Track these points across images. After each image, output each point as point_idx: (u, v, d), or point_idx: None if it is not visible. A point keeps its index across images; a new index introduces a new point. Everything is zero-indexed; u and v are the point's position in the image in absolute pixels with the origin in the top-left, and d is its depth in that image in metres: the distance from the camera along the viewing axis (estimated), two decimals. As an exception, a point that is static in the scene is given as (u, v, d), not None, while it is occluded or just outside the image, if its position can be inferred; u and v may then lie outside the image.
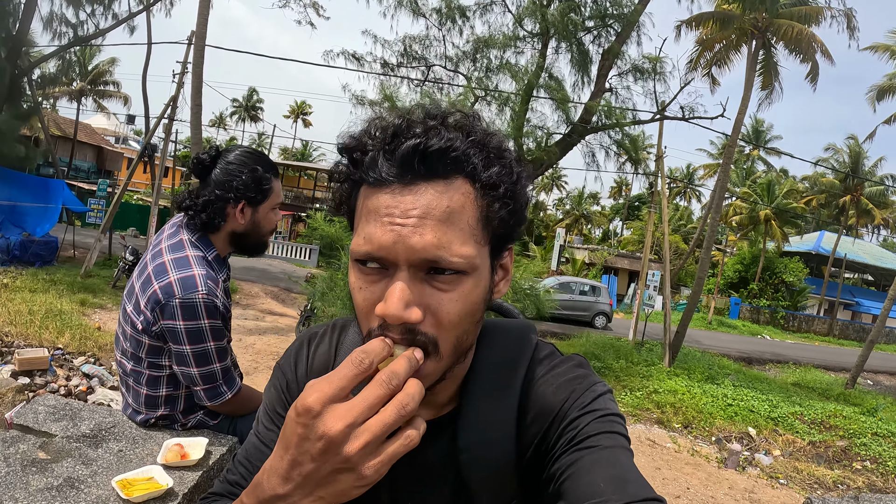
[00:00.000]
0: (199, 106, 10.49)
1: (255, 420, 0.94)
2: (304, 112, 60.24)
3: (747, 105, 12.36)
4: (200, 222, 1.78)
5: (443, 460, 0.82)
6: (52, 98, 27.45)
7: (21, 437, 1.61)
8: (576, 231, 50.80)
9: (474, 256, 0.66)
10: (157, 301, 1.64)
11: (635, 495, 0.64)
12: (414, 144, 0.63)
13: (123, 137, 44.05)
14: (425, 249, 0.62)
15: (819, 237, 36.70)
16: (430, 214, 0.63)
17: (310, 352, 0.92)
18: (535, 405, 0.79)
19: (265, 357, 7.51)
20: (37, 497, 1.35)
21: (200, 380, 1.71)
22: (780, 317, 29.84)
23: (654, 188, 13.48)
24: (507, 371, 0.81)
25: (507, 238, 0.73)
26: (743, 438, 7.57)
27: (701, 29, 14.87)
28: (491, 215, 0.69)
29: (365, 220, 0.66)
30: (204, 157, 1.82)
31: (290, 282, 12.82)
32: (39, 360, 5.18)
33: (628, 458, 0.70)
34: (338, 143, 0.71)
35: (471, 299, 0.68)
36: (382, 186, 0.65)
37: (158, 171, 12.70)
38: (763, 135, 41.16)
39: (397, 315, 0.62)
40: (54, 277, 9.86)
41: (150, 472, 1.50)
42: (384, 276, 0.66)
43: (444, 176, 0.65)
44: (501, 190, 0.68)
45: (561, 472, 0.71)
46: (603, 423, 0.73)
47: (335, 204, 0.75)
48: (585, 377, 0.80)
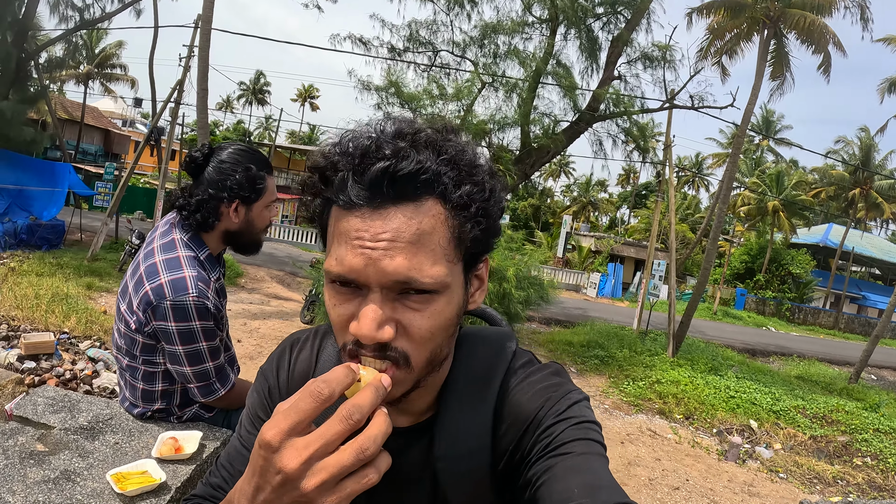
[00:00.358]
0: (205, 90, 10.45)
1: (238, 423, 0.96)
2: (312, 96, 60.08)
3: (757, 95, 12.22)
4: (195, 222, 1.78)
5: (419, 468, 0.83)
6: (58, 81, 27.43)
7: (20, 428, 1.63)
8: (583, 218, 50.64)
9: (445, 275, 0.66)
10: (149, 302, 1.65)
11: (607, 500, 0.64)
12: (383, 168, 0.63)
13: (130, 121, 44.09)
14: (396, 272, 0.63)
15: (827, 230, 36.43)
16: (400, 237, 0.63)
17: (292, 357, 0.93)
18: (510, 413, 0.79)
19: (270, 341, 7.55)
20: (34, 490, 1.37)
21: (194, 378, 1.72)
22: (786, 309, 29.72)
23: (661, 177, 13.39)
24: (484, 380, 0.81)
25: (482, 252, 0.74)
26: (744, 431, 7.57)
27: (712, 17, 14.68)
28: (463, 235, 0.69)
29: (336, 241, 0.67)
30: (197, 154, 1.81)
31: (296, 266, 12.87)
32: (45, 344, 5.22)
33: (602, 464, 0.71)
34: (309, 162, 0.71)
35: (443, 316, 0.68)
36: (352, 209, 0.65)
37: (165, 154, 12.72)
38: (773, 125, 40.78)
39: (370, 335, 0.63)
40: (61, 261, 9.92)
41: (144, 465, 1.52)
42: (357, 294, 0.66)
43: (414, 199, 0.65)
44: (473, 209, 0.68)
45: (536, 479, 0.72)
46: (578, 430, 0.74)
47: (308, 217, 0.74)
48: (561, 385, 0.80)
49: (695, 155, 52.21)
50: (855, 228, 35.71)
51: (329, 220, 0.69)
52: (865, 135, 33.18)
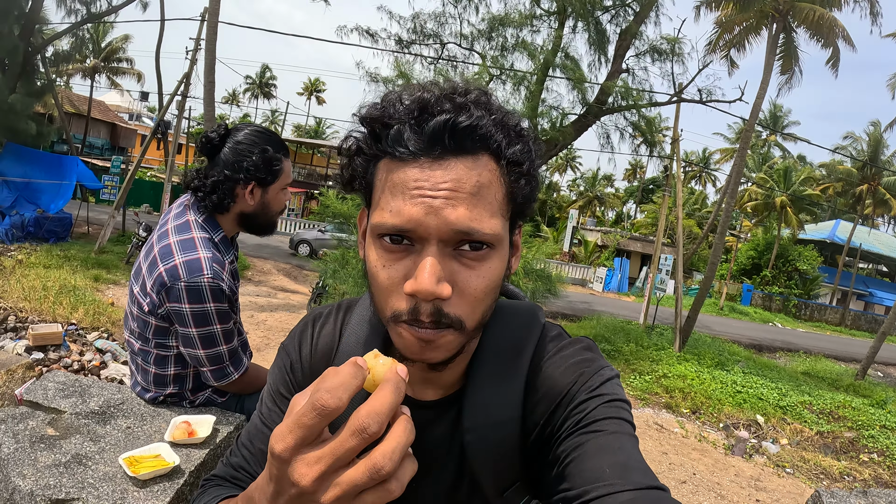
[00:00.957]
0: (212, 83, 10.46)
1: (259, 400, 0.94)
2: (318, 89, 60.09)
3: (766, 89, 12.12)
4: (210, 204, 1.75)
5: (447, 441, 0.82)
6: (65, 75, 27.50)
7: (30, 413, 1.63)
8: (589, 213, 50.55)
9: (501, 229, 0.67)
10: (163, 284, 1.62)
11: (639, 483, 0.64)
12: (444, 120, 0.63)
13: (137, 114, 44.21)
14: (458, 221, 0.62)
15: (834, 226, 36.22)
16: (461, 187, 0.63)
17: (314, 332, 0.91)
18: (542, 386, 0.78)
19: (276, 333, 7.56)
20: (45, 473, 1.36)
21: (207, 361, 1.70)
22: (792, 305, 29.60)
23: (669, 171, 13.33)
24: (515, 352, 0.80)
25: (523, 215, 0.74)
26: (751, 426, 7.55)
27: (720, 10, 14.57)
28: (515, 191, 0.70)
29: (390, 194, 0.65)
30: (213, 135, 1.78)
31: (303, 259, 12.88)
32: (53, 335, 5.24)
33: (633, 444, 0.70)
34: (358, 115, 0.70)
35: (495, 275, 0.68)
36: (410, 161, 0.64)
37: (172, 147, 12.74)
38: (781, 120, 40.53)
39: (430, 290, 0.61)
40: (68, 253, 9.96)
41: (157, 449, 1.51)
42: (410, 252, 0.65)
43: (473, 152, 0.65)
44: (525, 167, 0.69)
45: (566, 455, 0.71)
46: (609, 408, 0.73)
47: (347, 179, 0.73)
48: (594, 360, 0.80)
49: (702, 150, 52.00)
50: (862, 225, 35.50)
51: (377, 177, 0.68)
52: (875, 129, 32.92)
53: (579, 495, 0.66)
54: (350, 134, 0.71)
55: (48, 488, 1.31)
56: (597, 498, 0.63)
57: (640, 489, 0.63)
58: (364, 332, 0.87)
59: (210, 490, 0.88)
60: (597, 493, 0.64)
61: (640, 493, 0.62)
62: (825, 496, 2.06)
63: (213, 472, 0.93)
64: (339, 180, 0.76)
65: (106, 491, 1.35)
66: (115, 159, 15.60)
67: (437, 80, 0.72)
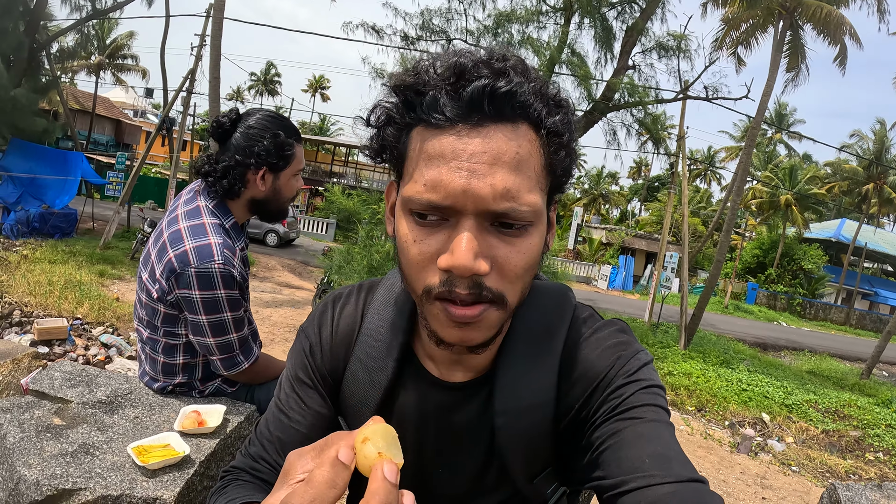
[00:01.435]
0: (217, 79, 10.44)
1: (278, 385, 0.91)
2: (323, 86, 60.03)
3: (772, 87, 12.06)
4: (221, 189, 1.72)
5: (476, 424, 0.80)
6: (70, 72, 27.58)
7: (36, 402, 1.60)
8: (593, 210, 50.47)
9: (540, 205, 0.63)
10: (173, 270, 1.59)
11: (680, 475, 0.61)
12: (483, 85, 0.59)
13: (142, 111, 44.30)
14: (497, 196, 0.59)
15: (840, 225, 36.09)
16: (501, 159, 0.60)
17: (335, 314, 0.88)
18: (577, 369, 0.76)
19: (282, 329, 7.55)
20: (51, 463, 1.34)
21: (217, 349, 1.67)
22: (797, 304, 29.52)
23: (674, 169, 13.29)
24: (548, 333, 0.77)
25: (560, 189, 0.71)
26: (756, 424, 7.52)
27: (727, 7, 14.52)
28: (554, 163, 0.66)
29: (425, 164, 0.62)
30: (224, 120, 1.75)
31: (308, 255, 12.89)
32: (58, 329, 5.24)
33: (671, 433, 0.68)
34: (389, 84, 0.66)
35: (534, 252, 0.65)
36: (446, 128, 0.61)
37: (177, 144, 12.76)
38: (786, 118, 40.36)
39: (467, 266, 0.58)
40: (73, 249, 9.97)
41: (166, 438, 1.48)
42: (444, 226, 0.62)
43: (512, 120, 0.61)
44: (565, 138, 0.65)
45: (601, 442, 0.69)
46: (647, 394, 0.71)
47: (377, 149, 0.69)
48: (630, 344, 0.77)
49: (707, 148, 51.86)
50: (868, 224, 35.36)
51: (409, 146, 0.65)
52: (881, 127, 32.76)
53: (617, 485, 0.64)
54: (379, 103, 0.68)
55: (54, 478, 1.29)
56: (636, 489, 0.62)
57: (681, 482, 0.61)
58: (389, 312, 0.83)
59: (228, 490, 0.84)
60: (636, 485, 0.62)
61: (681, 486, 0.61)
62: (841, 489, 2.04)
63: (232, 463, 0.90)
64: (367, 151, 0.72)
65: (114, 480, 1.33)
66: (119, 156, 15.59)
67: (472, 47, 0.68)
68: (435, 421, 0.81)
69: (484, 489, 0.83)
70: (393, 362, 0.80)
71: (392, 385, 0.81)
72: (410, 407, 0.82)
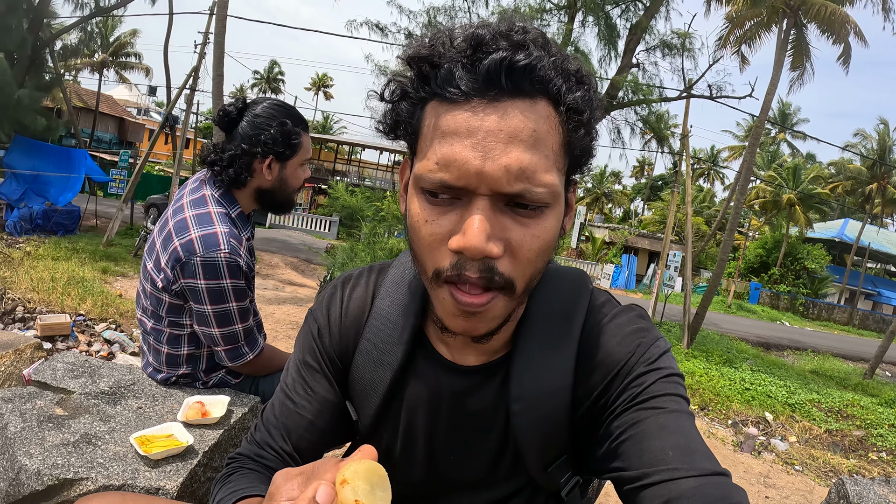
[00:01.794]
0: (220, 76, 10.45)
1: (285, 369, 0.89)
2: (326, 84, 60.08)
3: (776, 86, 12.02)
4: (227, 178, 1.70)
5: (490, 409, 0.78)
6: (73, 70, 27.59)
7: (38, 392, 1.59)
8: (596, 210, 50.45)
9: (557, 185, 0.61)
10: (178, 259, 1.57)
11: (703, 468, 0.60)
12: (501, 57, 0.57)
13: (145, 109, 44.32)
14: (512, 177, 0.57)
15: (843, 225, 35.99)
16: (518, 136, 0.57)
17: (344, 295, 0.86)
18: (596, 355, 0.74)
19: (284, 326, 7.55)
20: (52, 452, 1.33)
21: (221, 340, 1.65)
22: (800, 304, 29.46)
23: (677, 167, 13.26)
24: (566, 317, 0.75)
25: (578, 169, 0.68)
26: (759, 423, 7.50)
27: (731, 5, 14.48)
28: (573, 142, 0.63)
29: (438, 141, 0.59)
30: (230, 108, 1.74)
31: (311, 252, 12.87)
32: (61, 325, 5.25)
33: (692, 424, 0.67)
34: (403, 56, 0.64)
35: (549, 235, 0.63)
36: (461, 102, 0.58)
37: (180, 142, 12.75)
38: (790, 118, 40.28)
39: (479, 248, 0.56)
40: (76, 246, 9.97)
41: (169, 429, 1.47)
42: (456, 205, 0.60)
43: (530, 95, 0.58)
44: (585, 116, 0.62)
45: (621, 431, 0.67)
46: (668, 383, 0.69)
47: (390, 125, 0.67)
48: (649, 330, 0.75)
49: (710, 147, 51.82)
50: (871, 224, 35.27)
51: (423, 122, 0.62)
52: (884, 128, 32.67)
53: (638, 477, 0.63)
54: (394, 77, 0.65)
55: (56, 467, 1.28)
56: (659, 482, 0.61)
57: (705, 475, 0.60)
58: (400, 294, 0.82)
59: (233, 480, 0.83)
60: (659, 478, 0.61)
61: (705, 480, 0.60)
62: (849, 484, 2.03)
63: (237, 450, 0.89)
64: (379, 128, 0.69)
65: (116, 470, 1.32)
66: (123, 153, 15.61)
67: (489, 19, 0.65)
68: (447, 406, 0.80)
69: (497, 477, 0.81)
70: (404, 345, 0.78)
71: (403, 369, 0.79)
72: (422, 391, 0.80)
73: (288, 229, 22.64)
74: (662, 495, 0.60)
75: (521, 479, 0.80)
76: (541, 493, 0.83)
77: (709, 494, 0.58)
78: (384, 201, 7.94)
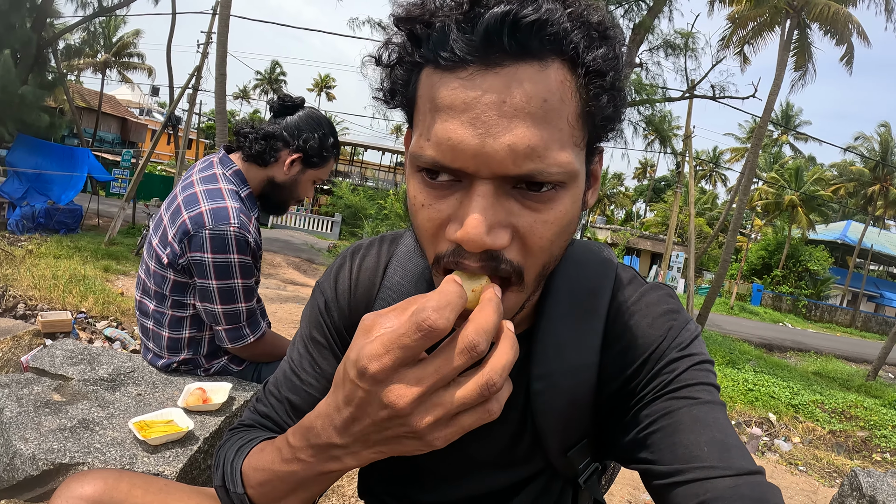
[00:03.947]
0: (223, 75, 10.43)
1: (291, 343, 0.85)
2: (328, 85, 60.16)
3: (780, 86, 12.00)
4: (254, 150, 1.73)
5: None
6: (76, 69, 27.66)
7: (36, 379, 1.58)
8: (598, 211, 50.48)
9: (574, 164, 0.52)
10: (186, 231, 1.56)
11: (740, 467, 0.57)
12: (503, 12, 0.47)
13: (147, 109, 44.38)
14: (519, 157, 0.49)
15: (846, 226, 35.96)
16: (524, 110, 0.48)
17: (353, 266, 0.81)
18: (625, 335, 0.69)
19: (286, 325, 7.52)
20: (48, 437, 1.31)
21: (223, 318, 1.63)
22: (802, 305, 29.42)
23: (680, 169, 13.25)
24: (592, 291, 0.71)
25: (603, 138, 0.59)
26: (763, 424, 7.47)
27: (734, 5, 14.44)
28: (594, 111, 0.54)
29: (432, 115, 0.51)
30: (289, 100, 1.81)
31: (313, 252, 12.86)
32: (62, 322, 5.23)
33: (725, 415, 0.63)
34: (393, 15, 0.54)
35: (567, 219, 0.55)
36: (457, 68, 0.49)
37: (182, 142, 12.75)
38: (793, 119, 40.25)
39: (479, 242, 0.49)
40: (78, 244, 9.97)
41: (169, 414, 1.45)
42: (457, 188, 0.53)
43: (540, 56, 0.49)
44: (609, 78, 0.53)
45: (652, 421, 0.63)
46: (700, 371, 0.65)
47: (388, 92, 0.59)
48: (679, 312, 0.71)
49: (713, 149, 51.83)
50: (874, 226, 35.22)
51: (418, 91, 0.54)
52: (885, 130, 32.65)
53: (671, 473, 0.60)
54: (390, 39, 0.57)
55: (51, 452, 1.26)
56: (694, 481, 0.57)
57: (742, 474, 0.57)
58: (413, 265, 0.77)
59: (240, 433, 0.79)
60: (694, 476, 0.58)
61: (742, 480, 0.57)
62: (862, 475, 2.00)
63: (240, 420, 0.85)
64: (377, 96, 0.61)
65: (114, 456, 1.30)
66: (125, 153, 15.62)
67: None
68: None
69: (514, 460, 0.77)
70: None
71: None
72: None
73: (290, 229, 22.65)
74: (698, 494, 0.57)
75: (539, 463, 0.77)
76: (558, 479, 0.79)
77: (745, 496, 0.55)
78: (387, 199, 7.92)
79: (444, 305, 0.44)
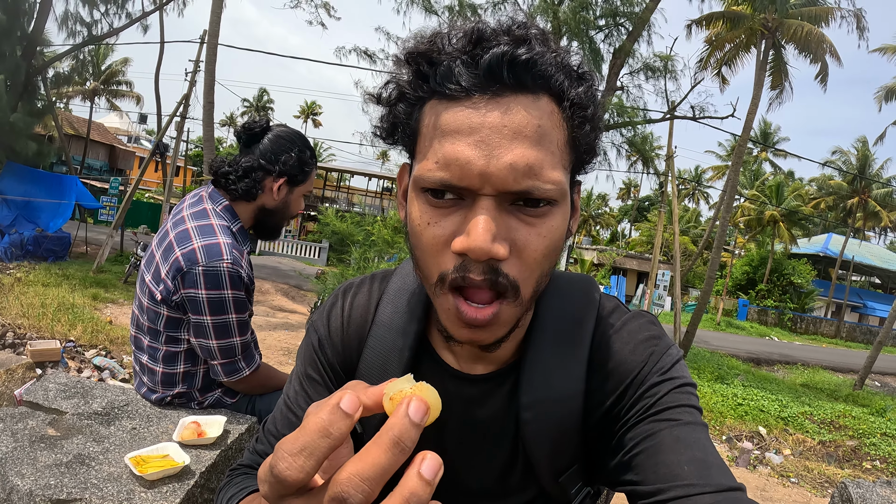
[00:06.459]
0: (211, 103, 10.53)
1: (288, 381, 0.87)
2: (315, 112, 60.37)
3: (757, 105, 12.29)
4: (240, 190, 1.73)
5: (501, 418, 0.76)
6: (65, 97, 27.62)
7: (30, 413, 1.58)
8: (584, 232, 50.70)
9: (564, 183, 0.59)
10: (179, 268, 1.57)
11: (720, 484, 0.60)
12: (502, 52, 0.55)
13: (135, 136, 44.31)
14: (518, 174, 0.55)
15: (827, 239, 36.42)
16: (522, 133, 0.55)
17: (345, 304, 0.83)
18: (608, 362, 0.72)
19: (276, 352, 7.51)
20: (45, 473, 1.30)
21: (219, 353, 1.64)
22: (788, 318, 29.59)
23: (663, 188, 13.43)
24: (576, 322, 0.74)
25: (583, 167, 0.67)
26: (753, 437, 7.51)
27: (711, 28, 14.79)
28: (578, 139, 0.62)
29: (439, 140, 0.57)
30: (255, 125, 1.79)
31: (301, 279, 12.82)
32: (51, 351, 5.20)
33: (707, 436, 0.66)
34: (401, 54, 0.62)
35: (557, 234, 0.60)
36: (462, 99, 0.56)
37: (170, 169, 12.76)
38: (771, 137, 40.91)
39: (484, 249, 0.54)
40: (67, 272, 9.90)
41: (165, 449, 1.45)
42: (460, 206, 0.58)
43: (532, 91, 0.57)
44: (589, 111, 0.61)
45: (636, 443, 0.66)
46: (681, 393, 0.68)
47: (388, 129, 0.65)
48: (661, 338, 0.74)
49: (694, 168, 52.45)
50: (854, 238, 35.69)
51: (422, 122, 0.60)
52: (862, 145, 33.33)
53: (654, 492, 0.62)
54: (390, 79, 0.63)
55: (48, 488, 1.26)
56: (675, 499, 0.59)
57: (721, 491, 0.59)
58: (404, 302, 0.79)
59: (236, 480, 0.81)
60: (674, 494, 0.60)
61: (722, 497, 0.58)
62: (851, 487, 2.04)
63: (239, 461, 0.87)
64: (377, 132, 0.67)
65: (111, 491, 1.30)
66: (113, 180, 15.61)
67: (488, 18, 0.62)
68: (456, 415, 0.77)
69: (508, 488, 0.79)
70: (409, 353, 0.76)
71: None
72: None
73: (278, 256, 22.54)
74: None
75: (533, 490, 0.78)
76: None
77: None
78: (374, 226, 7.96)
79: (297, 451, 0.36)
